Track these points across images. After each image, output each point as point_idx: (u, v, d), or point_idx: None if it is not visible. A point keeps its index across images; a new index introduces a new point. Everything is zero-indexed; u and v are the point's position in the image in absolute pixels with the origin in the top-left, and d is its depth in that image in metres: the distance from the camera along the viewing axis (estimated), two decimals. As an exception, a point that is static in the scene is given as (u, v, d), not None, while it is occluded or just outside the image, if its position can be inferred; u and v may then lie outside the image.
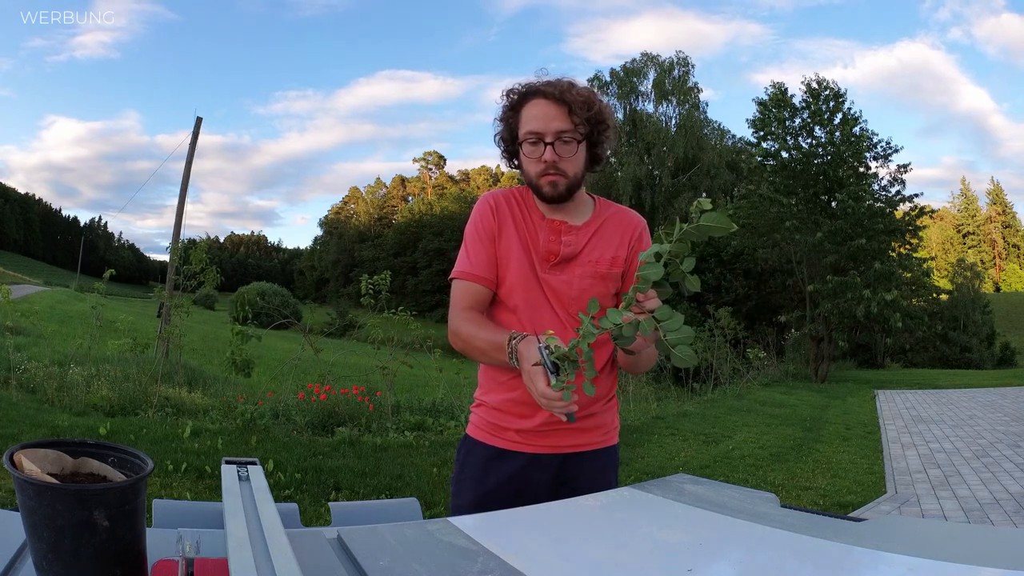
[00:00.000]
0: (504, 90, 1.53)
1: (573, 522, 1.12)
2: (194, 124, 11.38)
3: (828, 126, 17.60)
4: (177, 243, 9.97)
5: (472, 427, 1.61)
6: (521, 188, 1.59)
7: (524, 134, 1.48)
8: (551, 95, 1.46)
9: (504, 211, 1.55)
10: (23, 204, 75.55)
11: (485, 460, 1.55)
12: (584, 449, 1.54)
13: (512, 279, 1.51)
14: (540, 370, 1.19)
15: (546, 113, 1.46)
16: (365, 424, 6.05)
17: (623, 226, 1.58)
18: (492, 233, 1.53)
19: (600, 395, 1.55)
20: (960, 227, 72.17)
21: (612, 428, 1.61)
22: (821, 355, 16.75)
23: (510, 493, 1.50)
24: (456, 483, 1.60)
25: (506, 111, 1.53)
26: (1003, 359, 29.68)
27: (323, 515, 3.33)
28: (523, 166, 1.52)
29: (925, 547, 0.83)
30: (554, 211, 1.54)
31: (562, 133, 1.46)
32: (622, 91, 32.76)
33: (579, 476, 1.53)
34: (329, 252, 65.79)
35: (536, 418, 1.50)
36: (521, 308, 1.50)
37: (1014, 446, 6.74)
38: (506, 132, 1.54)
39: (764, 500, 1.14)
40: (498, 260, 1.53)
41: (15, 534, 0.76)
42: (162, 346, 7.90)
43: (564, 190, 1.49)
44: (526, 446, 1.52)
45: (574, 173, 1.50)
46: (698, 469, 5.45)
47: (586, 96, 1.48)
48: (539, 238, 1.52)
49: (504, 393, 1.52)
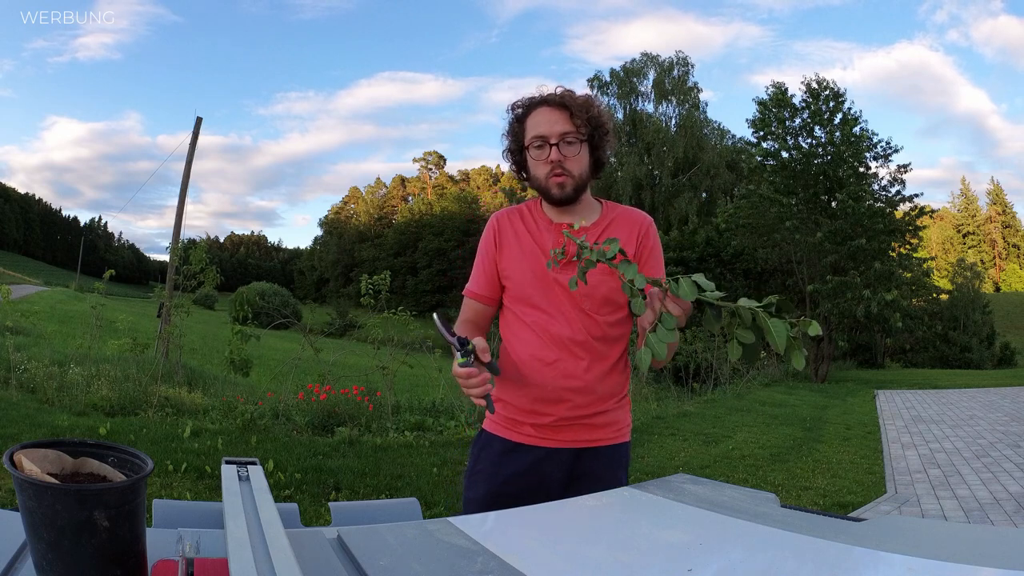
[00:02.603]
0: (509, 105, 1.63)
1: (573, 522, 1.12)
2: (194, 124, 11.39)
3: (828, 126, 17.61)
4: (177, 243, 9.97)
5: (488, 422, 1.66)
6: (530, 202, 1.68)
7: (530, 139, 1.57)
8: (553, 101, 1.57)
9: (506, 227, 1.65)
10: (23, 204, 75.54)
11: (501, 453, 1.60)
12: (597, 445, 1.60)
13: (527, 283, 1.59)
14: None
15: (549, 118, 1.56)
16: (365, 424, 6.05)
17: (630, 223, 1.65)
18: (491, 251, 1.64)
19: (613, 393, 1.61)
20: (960, 227, 72.16)
21: (624, 426, 1.66)
22: (821, 355, 16.75)
23: (524, 486, 1.55)
24: (470, 476, 1.65)
25: (512, 124, 1.63)
26: (1003, 359, 29.68)
27: (323, 515, 3.33)
28: (532, 172, 1.61)
29: (925, 547, 0.83)
30: (562, 215, 1.62)
31: (566, 135, 1.55)
32: (622, 91, 32.75)
33: (591, 471, 1.58)
34: (329, 252, 65.83)
35: (553, 414, 1.56)
36: (544, 306, 1.58)
37: (1014, 446, 6.74)
38: (513, 144, 1.63)
39: (764, 500, 1.14)
40: (504, 272, 1.62)
41: (15, 534, 0.76)
42: (162, 346, 7.90)
43: (571, 191, 1.57)
44: (542, 440, 1.58)
45: (579, 173, 1.58)
46: (698, 469, 5.45)
47: (585, 100, 1.59)
48: (548, 242, 1.59)
49: (521, 390, 1.58)
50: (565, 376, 1.55)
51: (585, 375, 1.56)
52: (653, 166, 31.84)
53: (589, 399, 1.57)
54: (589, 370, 1.56)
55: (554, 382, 1.55)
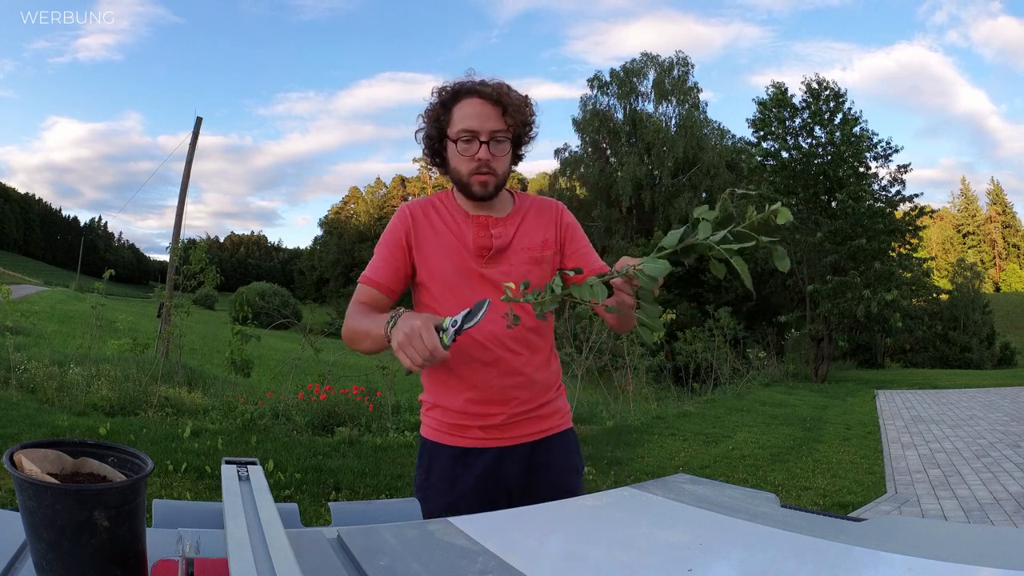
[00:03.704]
0: (434, 87, 1.54)
1: (573, 522, 1.12)
2: (194, 124, 11.40)
3: (828, 126, 17.61)
4: (177, 243, 9.97)
5: (430, 430, 1.59)
6: (440, 194, 1.62)
7: (458, 132, 1.49)
8: (487, 95, 1.48)
9: (421, 219, 1.56)
10: (23, 204, 75.52)
11: (452, 461, 1.54)
12: (547, 435, 1.58)
13: (450, 279, 1.52)
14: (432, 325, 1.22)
15: (481, 112, 1.47)
16: (365, 424, 6.05)
17: (545, 210, 1.62)
18: (401, 242, 1.55)
19: (551, 382, 1.61)
20: (960, 227, 72.19)
21: (566, 412, 1.65)
22: (821, 355, 16.75)
23: (482, 489, 1.51)
24: (423, 490, 1.57)
25: (436, 108, 1.52)
26: (1003, 359, 29.69)
27: (323, 515, 3.32)
28: (452, 164, 1.53)
29: (925, 547, 0.83)
30: (478, 208, 1.56)
31: (496, 133, 1.48)
32: (622, 91, 32.78)
33: (548, 461, 1.57)
34: (329, 252, 65.80)
35: (500, 414, 1.52)
36: (470, 303, 1.52)
37: (1014, 446, 6.74)
38: (434, 130, 1.53)
39: (764, 500, 1.14)
40: (422, 269, 1.54)
41: (15, 534, 0.75)
42: (162, 346, 7.90)
43: (493, 189, 1.52)
44: (492, 441, 1.53)
45: (503, 172, 1.53)
46: (698, 469, 5.45)
47: (521, 99, 1.52)
48: (468, 235, 1.53)
49: (462, 393, 1.52)
50: (508, 374, 1.50)
51: (526, 369, 1.52)
52: (653, 166, 31.85)
53: (533, 392, 1.54)
54: (528, 363, 1.53)
55: (498, 381, 1.50)
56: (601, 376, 8.97)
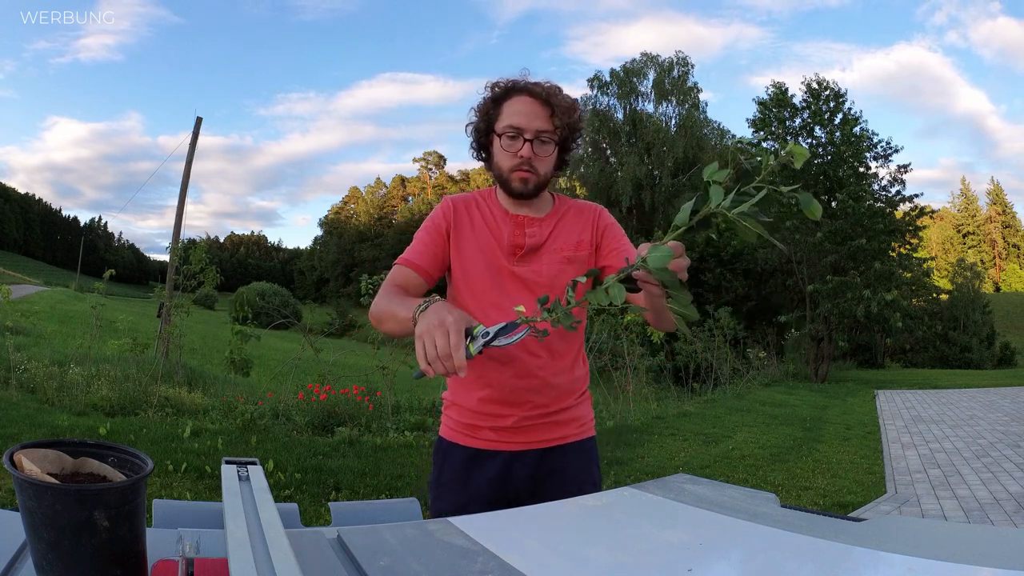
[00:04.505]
0: (488, 82, 1.55)
1: (573, 522, 1.11)
2: (194, 124, 11.40)
3: (828, 126, 17.63)
4: (177, 243, 9.97)
5: (446, 429, 1.59)
6: (483, 191, 1.62)
7: (504, 127, 1.50)
8: (537, 94, 1.49)
9: (463, 213, 1.56)
10: (23, 204, 75.50)
11: (465, 461, 1.53)
12: (563, 443, 1.55)
13: (482, 275, 1.52)
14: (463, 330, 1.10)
15: (530, 110, 1.49)
16: (365, 424, 6.05)
17: (584, 212, 1.61)
18: (442, 230, 1.54)
19: (573, 389, 1.57)
20: (960, 227, 72.14)
21: (588, 421, 1.61)
22: (821, 355, 16.75)
23: (493, 492, 1.50)
24: (436, 487, 1.57)
25: (487, 103, 1.54)
26: (1003, 359, 29.66)
27: (323, 515, 3.33)
28: (496, 159, 1.54)
29: (925, 547, 0.83)
30: (518, 207, 1.56)
31: (542, 133, 1.49)
32: (622, 91, 32.76)
33: (561, 469, 1.53)
34: (329, 252, 65.82)
35: (511, 416, 1.50)
36: (499, 302, 1.50)
37: (1014, 446, 6.74)
38: (482, 123, 1.55)
39: (764, 500, 1.14)
40: (457, 262, 1.54)
41: (15, 534, 0.75)
42: (162, 346, 7.90)
43: (533, 188, 1.52)
44: (504, 444, 1.51)
45: (544, 173, 1.52)
46: (698, 469, 5.45)
47: (570, 103, 1.52)
48: (504, 233, 1.54)
49: (476, 391, 1.51)
50: (523, 376, 1.48)
51: (542, 372, 1.50)
52: (653, 166, 31.84)
53: (549, 397, 1.51)
54: (546, 367, 1.50)
55: (512, 382, 1.48)
56: (601, 376, 8.98)
